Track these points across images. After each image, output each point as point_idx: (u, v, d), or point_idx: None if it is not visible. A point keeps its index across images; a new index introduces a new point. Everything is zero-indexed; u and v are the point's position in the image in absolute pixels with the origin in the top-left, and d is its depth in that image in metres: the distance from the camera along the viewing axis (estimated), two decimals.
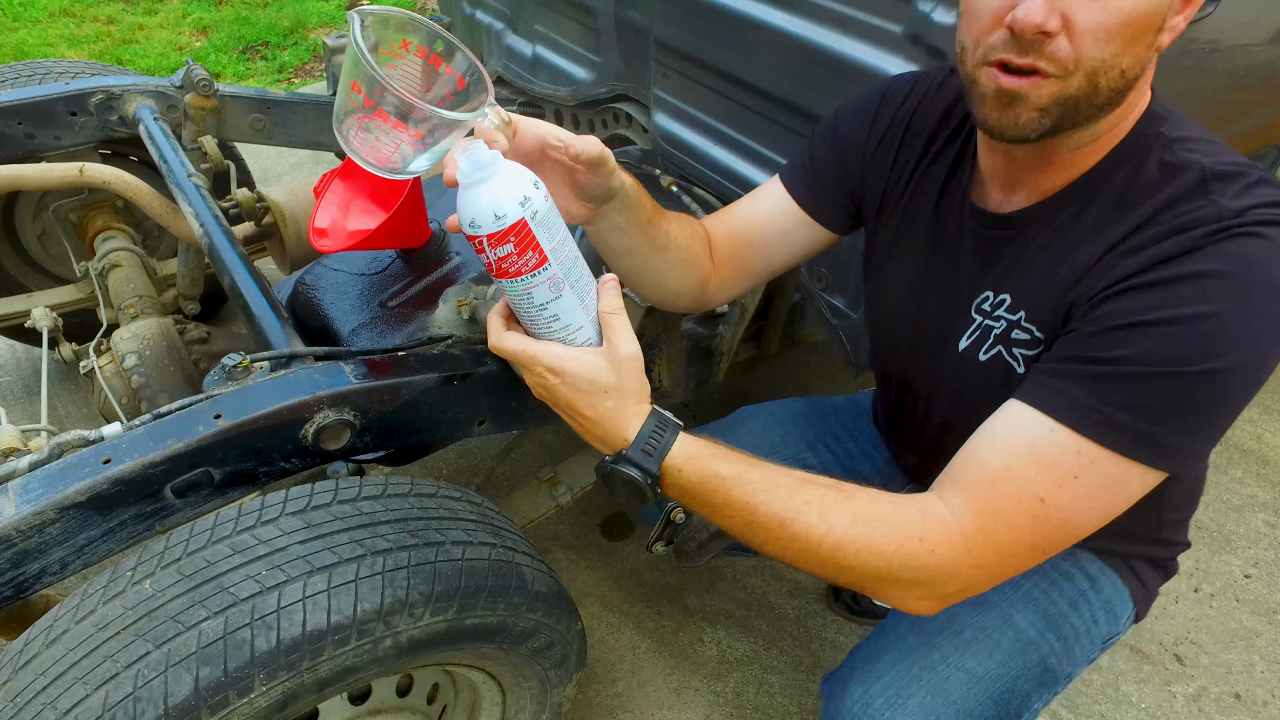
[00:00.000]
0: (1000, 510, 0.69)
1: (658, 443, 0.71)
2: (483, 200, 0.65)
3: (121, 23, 4.06)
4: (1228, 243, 0.64)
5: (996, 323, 0.81)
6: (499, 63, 2.00)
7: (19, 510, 0.79)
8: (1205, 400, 0.65)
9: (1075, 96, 0.67)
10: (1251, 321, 0.64)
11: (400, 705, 0.99)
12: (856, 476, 1.17)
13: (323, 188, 1.34)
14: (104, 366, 1.32)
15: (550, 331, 0.72)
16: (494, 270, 0.68)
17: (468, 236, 0.67)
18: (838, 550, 0.70)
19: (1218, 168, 0.69)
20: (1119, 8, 0.63)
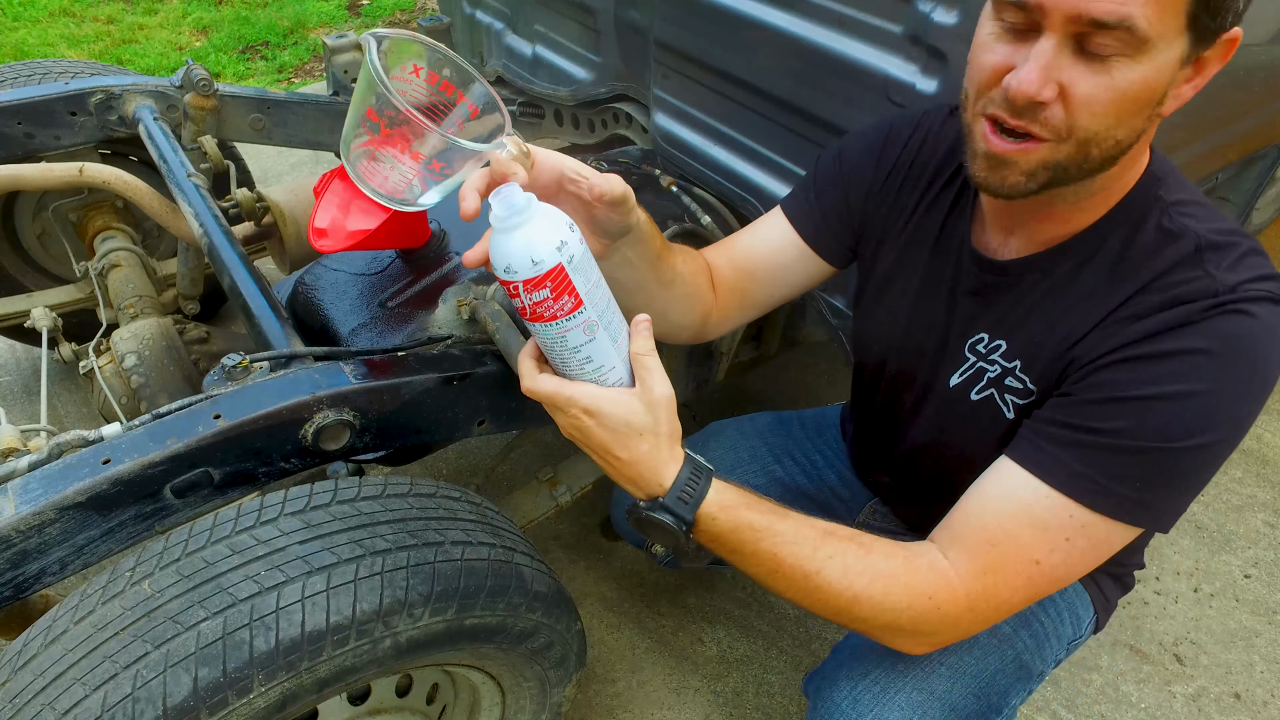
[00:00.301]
0: (999, 571, 0.73)
1: (694, 490, 0.72)
2: (518, 245, 0.64)
3: (121, 22, 4.06)
4: (1220, 320, 0.67)
5: (991, 366, 0.84)
6: (499, 63, 2.00)
7: (18, 510, 0.79)
8: (1190, 470, 0.70)
9: (1064, 162, 0.68)
10: (1237, 399, 0.68)
11: (399, 705, 0.99)
12: (823, 487, 1.21)
13: (322, 187, 1.34)
14: (103, 366, 1.32)
15: (583, 373, 0.71)
16: (527, 314, 0.68)
17: (501, 281, 0.66)
18: (854, 604, 0.74)
19: (1211, 237, 0.71)
20: (1117, 84, 0.63)
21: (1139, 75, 0.62)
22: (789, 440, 1.25)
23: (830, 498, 1.20)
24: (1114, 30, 0.60)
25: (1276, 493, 1.87)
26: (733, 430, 1.27)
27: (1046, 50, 0.63)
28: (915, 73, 1.11)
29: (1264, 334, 0.67)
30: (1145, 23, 0.60)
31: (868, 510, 1.18)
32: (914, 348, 0.93)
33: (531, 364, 0.74)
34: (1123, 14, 0.59)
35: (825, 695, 0.93)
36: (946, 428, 0.91)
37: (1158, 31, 0.60)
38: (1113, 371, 0.71)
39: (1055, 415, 0.74)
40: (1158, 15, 0.60)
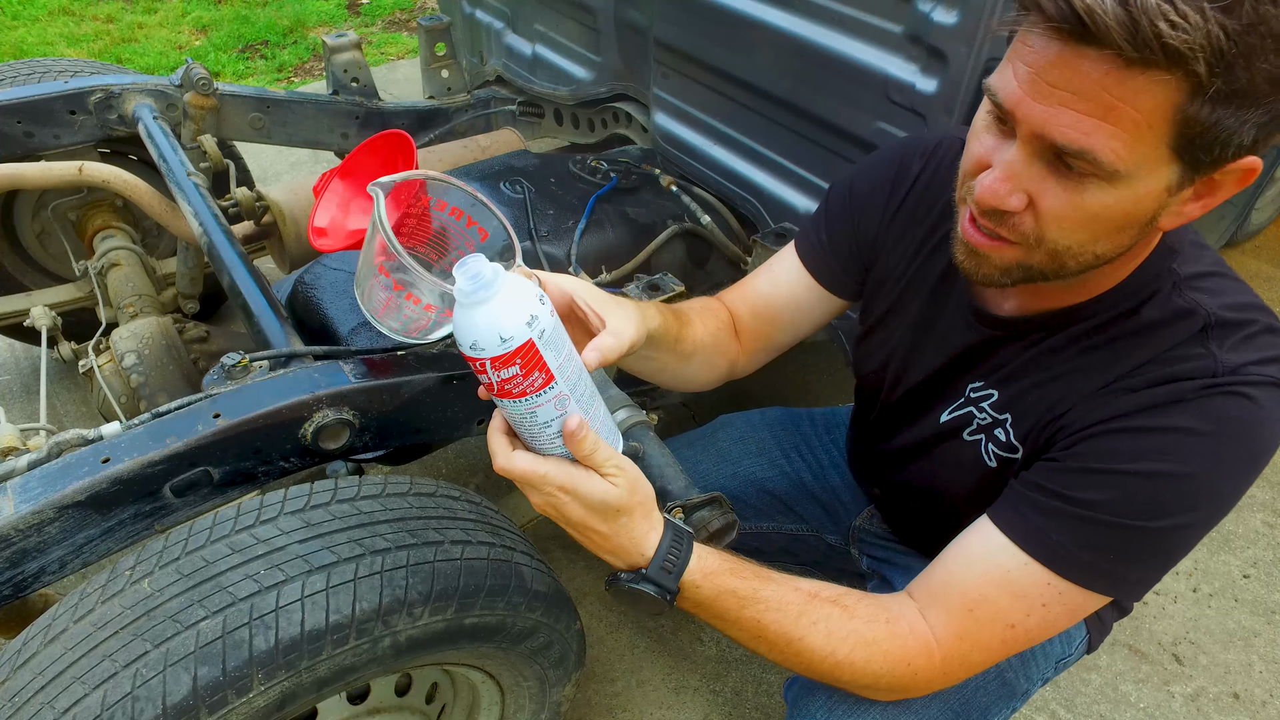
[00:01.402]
0: (975, 636, 0.74)
1: (676, 558, 0.71)
2: (484, 321, 0.59)
3: (121, 21, 4.06)
4: (1216, 400, 0.65)
5: (981, 413, 0.83)
6: (498, 62, 2.00)
7: (17, 509, 0.79)
8: (1167, 547, 0.70)
9: (1039, 268, 0.67)
10: (1221, 481, 0.66)
11: (399, 705, 0.99)
12: (827, 486, 1.21)
13: (322, 187, 1.34)
14: (103, 365, 1.32)
15: (554, 447, 0.68)
16: (495, 390, 0.64)
17: (466, 358, 0.62)
18: (837, 669, 0.74)
19: (1222, 315, 0.68)
20: (1088, 205, 0.60)
21: (1113, 199, 0.59)
22: (798, 436, 1.25)
23: (832, 498, 1.21)
24: (1075, 158, 0.58)
25: (1275, 493, 1.87)
26: (742, 423, 1.27)
27: (1016, 160, 0.61)
28: (915, 72, 1.11)
29: (1261, 419, 0.65)
30: (1112, 155, 0.56)
31: (865, 515, 1.18)
32: (908, 380, 0.93)
33: (503, 440, 0.69)
34: (1084, 145, 0.56)
35: (803, 705, 0.93)
36: (931, 459, 0.91)
37: (1130, 164, 0.56)
38: (1099, 441, 0.70)
39: (1038, 480, 0.73)
40: (1127, 149, 0.56)
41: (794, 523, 1.22)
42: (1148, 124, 0.55)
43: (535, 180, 1.45)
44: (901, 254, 0.92)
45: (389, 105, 1.87)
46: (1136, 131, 0.55)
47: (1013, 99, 0.59)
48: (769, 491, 1.20)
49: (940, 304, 0.88)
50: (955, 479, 0.88)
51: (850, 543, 1.19)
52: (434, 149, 1.80)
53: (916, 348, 0.91)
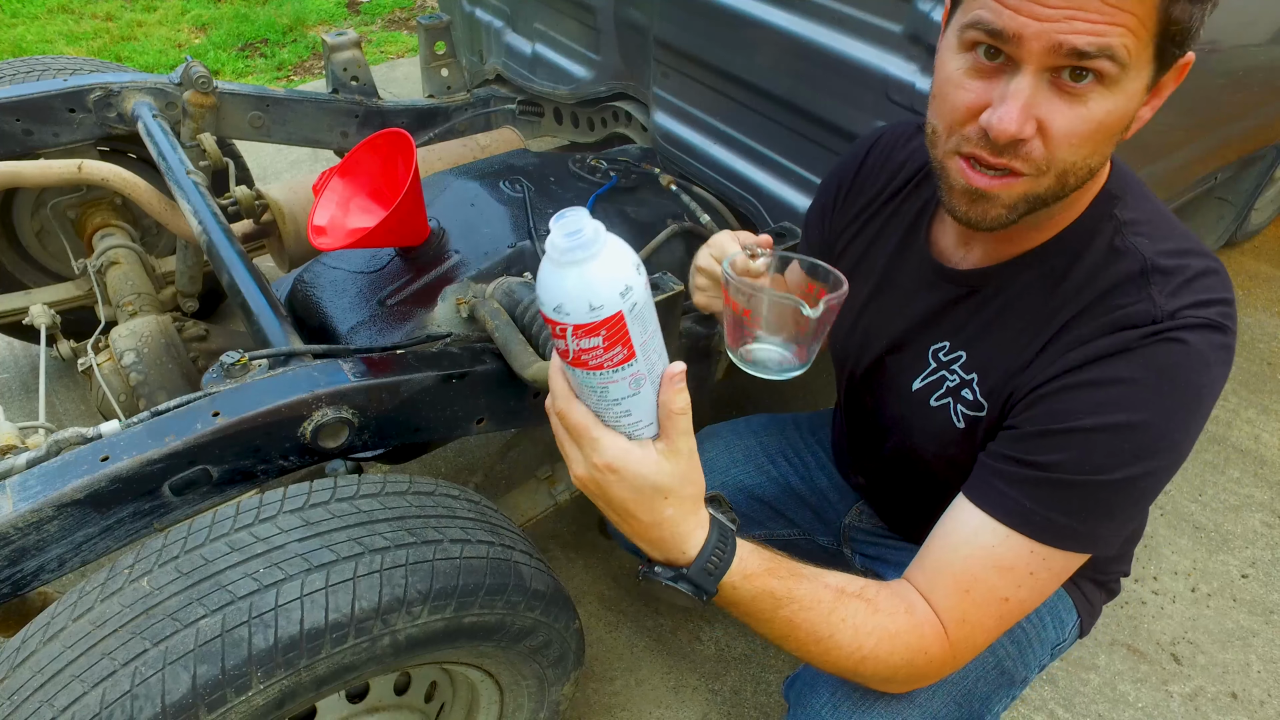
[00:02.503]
0: (975, 617, 0.75)
1: (719, 560, 0.68)
2: (575, 284, 0.54)
3: (120, 19, 4.06)
4: (1155, 347, 0.68)
5: (951, 375, 0.85)
6: (498, 60, 2.00)
7: (16, 508, 0.79)
8: (1129, 499, 0.73)
9: (1044, 195, 0.69)
10: (1172, 428, 0.69)
11: (398, 703, 0.99)
12: (814, 488, 1.22)
13: (322, 185, 1.34)
14: (102, 364, 1.32)
15: (618, 425, 0.63)
16: (569, 357, 0.59)
17: (545, 318, 0.57)
18: (862, 664, 0.75)
19: (1159, 260, 0.71)
20: (1094, 115, 0.64)
21: (1112, 104, 0.63)
22: (783, 440, 1.26)
23: (820, 500, 1.21)
24: (1094, 60, 0.60)
25: (1274, 493, 1.87)
26: (727, 432, 1.28)
27: (1025, 87, 0.63)
28: (915, 72, 1.11)
29: (1198, 361, 0.68)
30: (1125, 51, 0.60)
31: (854, 512, 1.18)
32: (874, 348, 0.94)
33: (564, 382, 0.64)
34: (1104, 43, 0.60)
35: (806, 701, 0.93)
36: (907, 431, 0.92)
37: (1133, 60, 0.61)
38: (1052, 401, 0.72)
39: (1003, 450, 0.75)
40: (1135, 44, 0.60)
41: (785, 528, 1.22)
42: (1141, 23, 0.60)
43: (535, 179, 1.45)
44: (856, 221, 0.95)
45: (389, 104, 1.87)
46: (1136, 29, 0.60)
47: (1016, 24, 0.61)
48: (758, 498, 1.21)
49: (900, 267, 0.90)
50: (928, 447, 0.89)
51: (842, 543, 1.20)
52: (433, 148, 1.80)
53: (880, 313, 0.93)
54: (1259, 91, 1.59)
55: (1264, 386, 2.16)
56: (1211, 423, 2.04)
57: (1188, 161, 1.64)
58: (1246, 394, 2.13)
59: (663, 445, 0.64)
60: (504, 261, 1.28)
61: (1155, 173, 1.55)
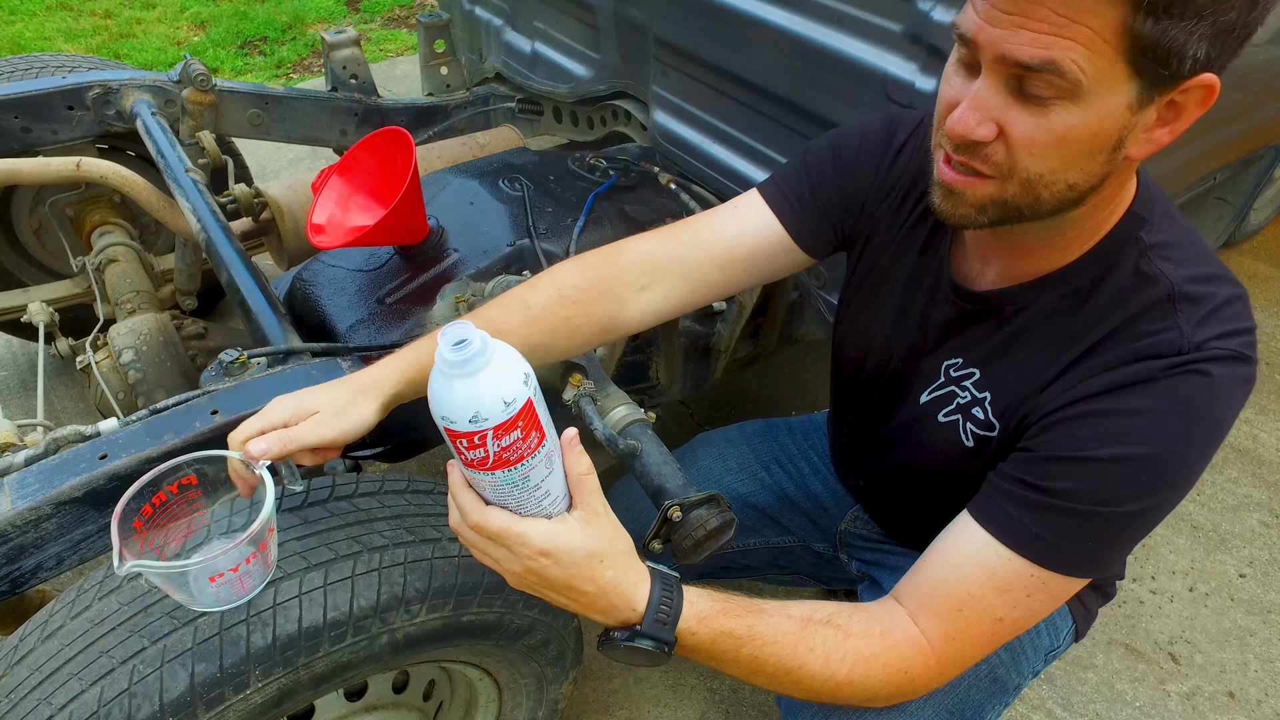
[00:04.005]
0: (966, 635, 0.75)
1: (669, 608, 0.69)
2: (488, 387, 0.55)
3: (119, 17, 4.05)
4: (1181, 379, 0.67)
5: (963, 392, 0.84)
6: (497, 59, 1.99)
7: (15, 505, 0.79)
8: (1140, 528, 0.72)
9: (1014, 201, 0.67)
10: (1188, 460, 0.68)
11: (396, 702, 0.99)
12: (808, 495, 1.20)
13: (321, 183, 1.34)
14: (101, 362, 1.31)
15: (538, 509, 0.63)
16: (488, 464, 0.58)
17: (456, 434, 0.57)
18: (838, 690, 0.74)
19: (1186, 287, 0.69)
20: (1055, 127, 0.61)
21: (1079, 119, 0.61)
22: (777, 447, 1.25)
23: (815, 506, 1.20)
24: (1038, 73, 0.59)
25: (1272, 493, 1.88)
26: (720, 439, 1.27)
27: (982, 90, 0.63)
28: (915, 71, 1.11)
29: (1221, 395, 0.67)
30: (1073, 66, 0.58)
31: (849, 518, 1.17)
32: (887, 358, 0.93)
33: (471, 495, 0.64)
34: (1046, 57, 0.58)
35: (797, 711, 0.93)
36: (912, 440, 0.91)
37: (1091, 77, 0.58)
38: (1069, 427, 0.71)
39: (1014, 472, 0.74)
40: (1087, 61, 0.58)
41: (780, 535, 1.22)
42: (1101, 38, 0.57)
43: (534, 178, 1.45)
44: (892, 220, 0.91)
45: (388, 102, 1.87)
46: (1092, 45, 0.57)
47: (975, 28, 0.62)
48: (753, 506, 1.20)
49: (921, 280, 0.88)
50: (934, 461, 0.88)
51: (838, 548, 1.19)
52: (433, 146, 1.80)
53: (898, 325, 0.91)
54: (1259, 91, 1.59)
55: (1263, 387, 2.17)
56: None
57: (1187, 161, 1.64)
58: None
59: (580, 513, 0.66)
60: (503, 260, 1.28)
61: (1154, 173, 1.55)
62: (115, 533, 0.63)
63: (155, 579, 0.67)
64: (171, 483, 0.70)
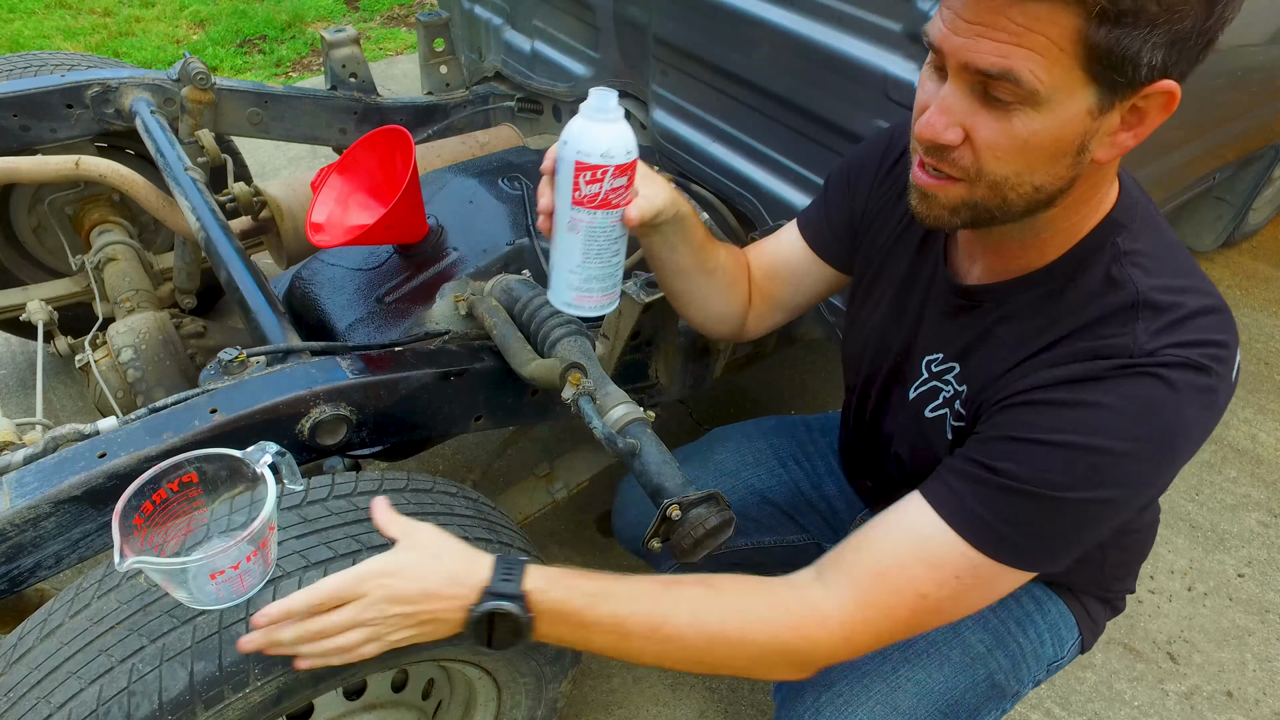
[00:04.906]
0: (883, 603, 0.73)
1: (513, 569, 0.71)
2: (617, 135, 0.72)
3: (118, 15, 4.04)
4: (1128, 381, 0.67)
5: (945, 387, 0.85)
6: (497, 58, 1.99)
7: (13, 504, 0.79)
8: (1079, 524, 0.70)
9: (984, 204, 0.69)
10: (1133, 462, 0.67)
11: (395, 700, 0.99)
12: (823, 495, 1.21)
13: (320, 182, 1.34)
14: (100, 360, 1.31)
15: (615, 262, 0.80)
16: (596, 201, 0.74)
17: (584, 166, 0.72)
18: (711, 646, 0.73)
19: (1152, 295, 0.69)
20: (1018, 132, 0.63)
21: (1040, 125, 0.62)
22: (794, 444, 1.24)
23: (828, 507, 1.21)
24: (997, 81, 0.61)
25: (1270, 492, 1.88)
26: (737, 434, 1.27)
27: (949, 95, 0.65)
28: (914, 71, 1.11)
29: (1170, 399, 0.66)
30: (1030, 76, 0.60)
31: (858, 521, 1.18)
32: (884, 355, 0.94)
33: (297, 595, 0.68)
34: (1004, 66, 0.60)
35: (789, 705, 0.93)
36: (906, 440, 0.92)
37: (1049, 85, 0.60)
38: (1018, 411, 0.71)
39: (965, 451, 0.74)
40: (1044, 71, 0.60)
41: (795, 533, 1.22)
42: (1058, 47, 0.59)
43: (533, 177, 1.45)
44: (884, 225, 0.94)
45: (387, 101, 1.86)
46: (1049, 54, 0.59)
47: (940, 36, 0.64)
48: (770, 501, 1.20)
49: (918, 277, 0.90)
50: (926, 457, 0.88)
51: None
52: (432, 145, 1.80)
53: (895, 322, 0.93)
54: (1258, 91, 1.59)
55: (1261, 386, 2.17)
56: None
57: (1187, 161, 1.65)
58: (1244, 394, 2.14)
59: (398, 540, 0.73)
60: (502, 259, 1.28)
61: (1154, 173, 1.55)
62: (116, 529, 0.63)
63: (155, 576, 0.68)
64: (172, 480, 0.71)
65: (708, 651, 0.73)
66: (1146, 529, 0.99)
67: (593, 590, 0.72)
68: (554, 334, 1.02)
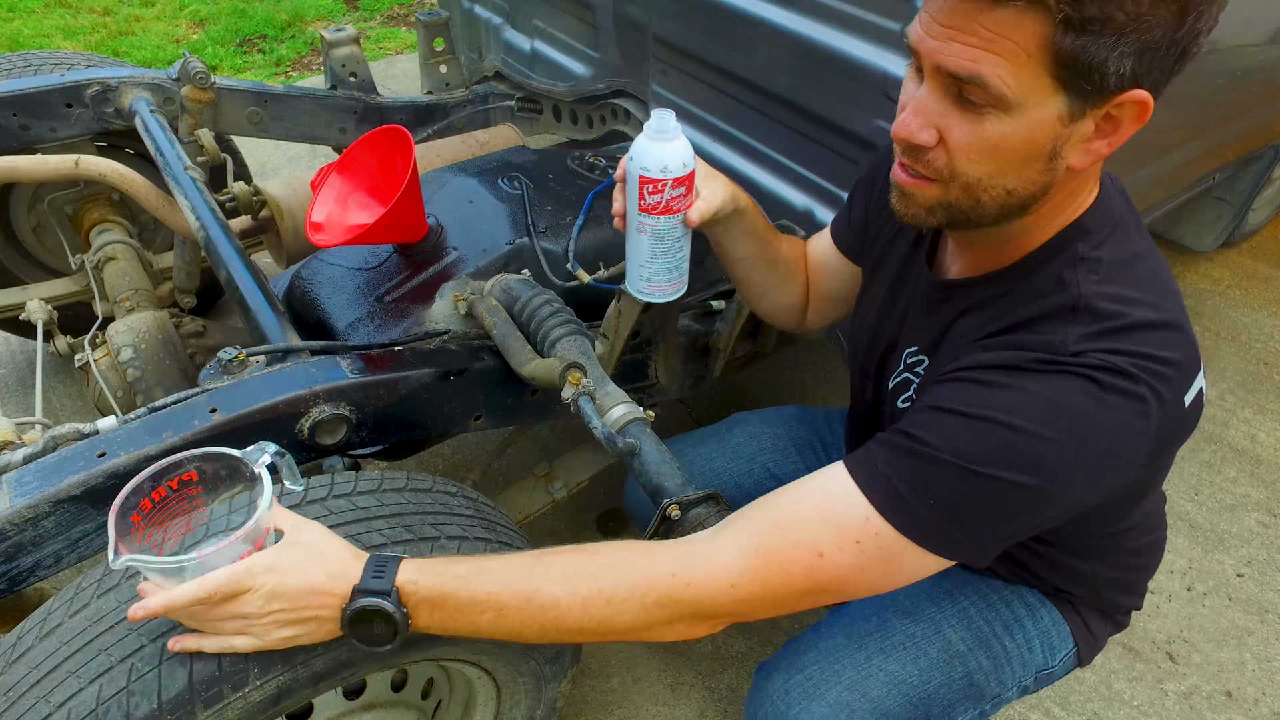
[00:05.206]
0: (776, 553, 0.71)
1: (384, 567, 0.71)
2: (675, 151, 0.83)
3: (117, 14, 4.04)
4: (1053, 376, 0.67)
5: (915, 378, 0.86)
6: (497, 57, 1.99)
7: (13, 503, 0.79)
8: (982, 503, 0.68)
9: (958, 205, 0.70)
10: (1050, 449, 0.65)
11: (395, 700, 0.99)
12: None
13: (320, 182, 1.34)
14: (99, 360, 1.31)
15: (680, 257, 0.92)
16: (659, 208, 0.86)
17: (648, 180, 0.83)
18: (589, 606, 0.71)
19: (1097, 302, 0.69)
20: (989, 135, 0.64)
21: (1011, 129, 0.63)
22: (812, 432, 1.26)
23: None
24: (966, 85, 0.62)
25: (1270, 492, 1.88)
26: (756, 420, 1.28)
27: (924, 96, 0.67)
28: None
29: (1090, 399, 0.65)
30: (998, 81, 0.61)
31: None
32: (877, 345, 0.95)
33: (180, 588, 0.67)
34: (973, 70, 0.61)
35: (760, 685, 0.94)
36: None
37: (1017, 90, 0.61)
38: (945, 387, 0.72)
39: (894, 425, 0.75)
40: (1012, 76, 0.61)
41: None
42: (1026, 53, 0.60)
43: (533, 176, 1.45)
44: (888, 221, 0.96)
45: (387, 100, 1.86)
46: (1017, 60, 0.60)
47: (917, 38, 0.66)
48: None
49: (909, 272, 0.92)
50: None
51: None
52: (432, 144, 1.80)
53: (886, 316, 0.94)
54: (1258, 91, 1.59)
55: (1260, 386, 2.17)
56: (1208, 422, 2.04)
57: (1186, 161, 1.65)
58: (1243, 393, 2.14)
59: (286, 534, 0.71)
60: (502, 258, 1.28)
61: (1154, 173, 1.55)
62: (111, 527, 0.64)
63: (152, 574, 0.67)
64: (172, 478, 0.71)
65: (585, 615, 0.71)
66: (1148, 548, 0.98)
67: (463, 572, 0.72)
68: (554, 333, 1.02)
